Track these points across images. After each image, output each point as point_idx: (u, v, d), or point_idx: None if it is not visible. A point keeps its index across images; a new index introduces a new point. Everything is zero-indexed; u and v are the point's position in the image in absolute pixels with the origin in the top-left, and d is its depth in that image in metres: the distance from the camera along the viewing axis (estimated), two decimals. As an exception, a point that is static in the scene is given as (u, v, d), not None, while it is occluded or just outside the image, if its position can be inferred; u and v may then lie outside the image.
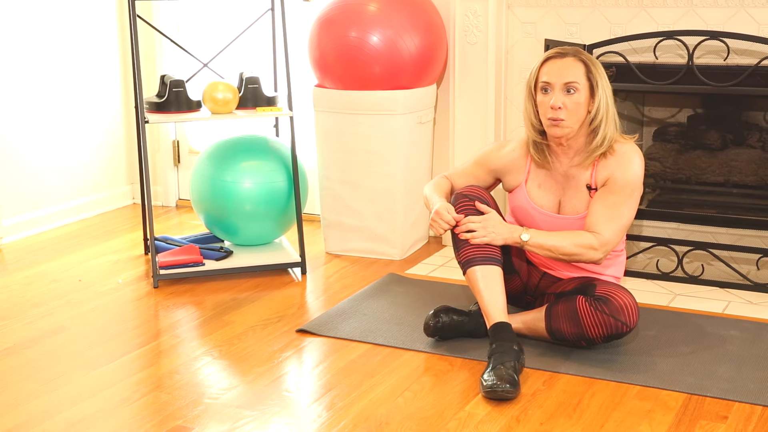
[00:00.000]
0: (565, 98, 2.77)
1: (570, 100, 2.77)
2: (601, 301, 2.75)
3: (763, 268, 3.52)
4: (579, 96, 2.77)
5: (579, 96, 2.77)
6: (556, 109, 2.76)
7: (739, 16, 3.46)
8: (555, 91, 2.77)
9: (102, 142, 4.68)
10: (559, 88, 2.77)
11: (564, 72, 2.78)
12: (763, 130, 3.69)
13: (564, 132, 2.80)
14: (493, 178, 3.03)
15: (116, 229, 4.38)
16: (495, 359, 2.66)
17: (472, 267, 2.81)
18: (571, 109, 2.77)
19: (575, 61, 2.79)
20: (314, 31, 3.82)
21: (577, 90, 2.77)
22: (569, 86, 2.77)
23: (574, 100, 2.77)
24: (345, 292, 3.50)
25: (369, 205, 3.85)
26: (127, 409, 2.58)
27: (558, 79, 2.77)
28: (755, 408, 2.55)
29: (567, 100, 2.77)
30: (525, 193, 2.94)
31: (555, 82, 2.78)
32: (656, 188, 3.79)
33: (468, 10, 3.82)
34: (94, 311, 3.34)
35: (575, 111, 2.77)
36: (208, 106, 3.59)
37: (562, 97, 2.76)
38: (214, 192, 3.71)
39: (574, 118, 2.78)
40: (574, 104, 2.77)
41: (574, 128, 2.79)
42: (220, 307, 3.36)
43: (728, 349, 2.92)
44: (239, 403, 2.60)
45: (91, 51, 4.57)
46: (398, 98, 3.74)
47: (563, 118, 2.77)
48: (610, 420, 2.49)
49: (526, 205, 2.94)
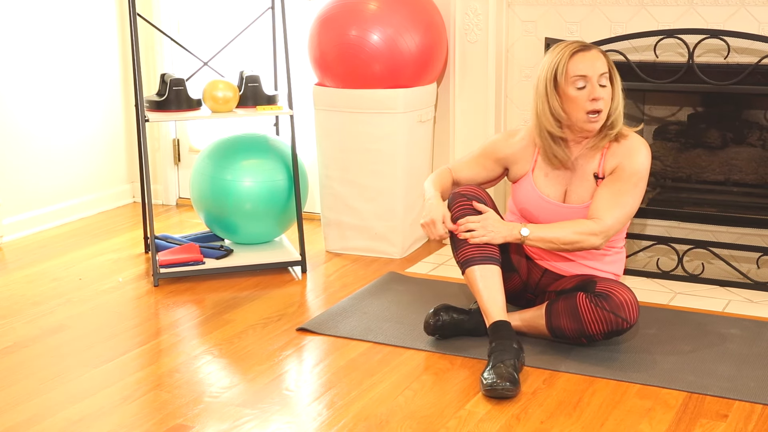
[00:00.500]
0: (601, 91, 2.78)
1: (605, 92, 2.79)
2: (602, 297, 2.75)
3: (763, 266, 3.51)
4: (609, 88, 2.81)
5: (609, 88, 2.81)
6: (597, 100, 2.76)
7: (740, 14, 3.45)
8: (593, 84, 2.77)
9: (102, 141, 4.68)
10: (596, 80, 2.78)
11: (597, 64, 2.79)
12: (764, 128, 3.69)
13: (600, 124, 2.81)
14: (501, 167, 3.03)
15: (116, 228, 4.38)
16: (495, 357, 2.66)
17: (471, 267, 2.81)
18: (607, 101, 2.80)
19: (599, 53, 2.83)
20: (314, 29, 3.81)
21: (609, 82, 2.80)
22: (603, 78, 2.79)
23: (607, 93, 2.80)
24: (345, 290, 3.50)
25: (369, 204, 3.85)
26: (127, 407, 2.58)
27: (594, 71, 2.78)
28: (755, 406, 2.55)
29: (603, 92, 2.79)
30: (531, 182, 2.94)
31: (592, 75, 2.78)
32: (657, 187, 3.79)
33: (468, 8, 3.82)
34: (94, 310, 3.34)
35: (608, 103, 2.80)
36: (208, 104, 3.58)
37: (598, 89, 2.78)
38: (215, 190, 3.71)
39: (607, 109, 2.80)
40: (608, 96, 2.80)
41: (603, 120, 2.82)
42: (221, 305, 3.36)
43: (728, 347, 2.92)
44: (239, 402, 2.60)
45: (91, 49, 4.57)
46: (398, 97, 3.74)
47: (602, 108, 2.78)
48: (610, 418, 2.49)
49: (531, 194, 2.94)
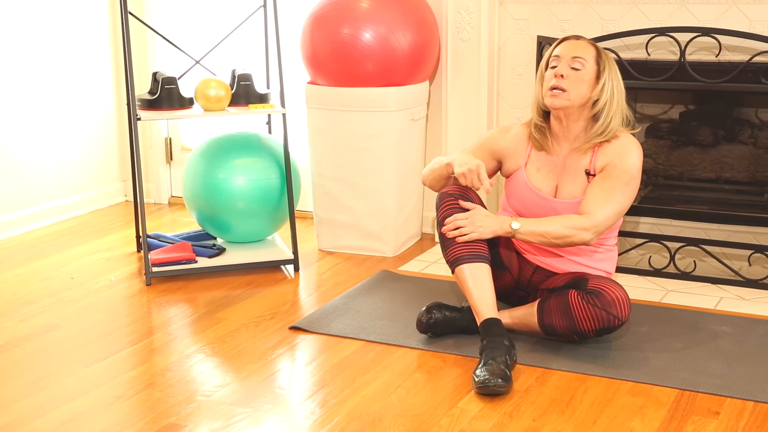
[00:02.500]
0: (569, 71, 2.83)
1: (574, 75, 2.83)
2: (594, 294, 2.76)
3: (754, 264, 3.53)
4: (583, 74, 2.83)
5: (583, 74, 2.83)
6: (558, 76, 2.83)
7: (731, 12, 3.46)
8: (561, 63, 2.85)
9: (94, 140, 4.67)
10: (566, 62, 2.85)
11: (575, 48, 2.86)
12: (755, 126, 3.70)
13: (562, 103, 2.83)
14: (495, 161, 3.04)
15: (108, 227, 4.37)
16: (486, 355, 2.67)
17: (460, 265, 2.82)
18: (572, 82, 2.82)
19: (587, 44, 2.89)
20: (306, 27, 3.81)
21: (583, 67, 2.84)
22: (576, 61, 2.84)
23: (578, 76, 2.83)
24: (338, 289, 3.50)
25: (362, 202, 3.85)
26: (119, 406, 2.58)
27: (568, 53, 2.86)
28: (747, 403, 2.56)
29: (571, 73, 2.83)
30: (524, 176, 2.96)
31: (564, 56, 2.86)
32: (649, 184, 3.80)
33: (460, 6, 3.82)
34: (86, 309, 3.33)
35: (577, 85, 2.82)
36: (200, 103, 3.58)
37: (566, 69, 2.84)
38: (207, 189, 3.70)
39: (575, 92, 2.82)
40: (578, 79, 2.83)
41: (574, 104, 2.83)
42: (213, 304, 3.35)
43: (720, 345, 2.93)
44: (232, 401, 2.60)
45: (83, 48, 4.56)
46: (391, 95, 3.74)
47: (564, 87, 2.82)
48: (602, 416, 2.50)
49: (523, 188, 2.95)
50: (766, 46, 3.31)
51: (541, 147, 2.95)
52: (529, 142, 2.98)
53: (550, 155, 2.95)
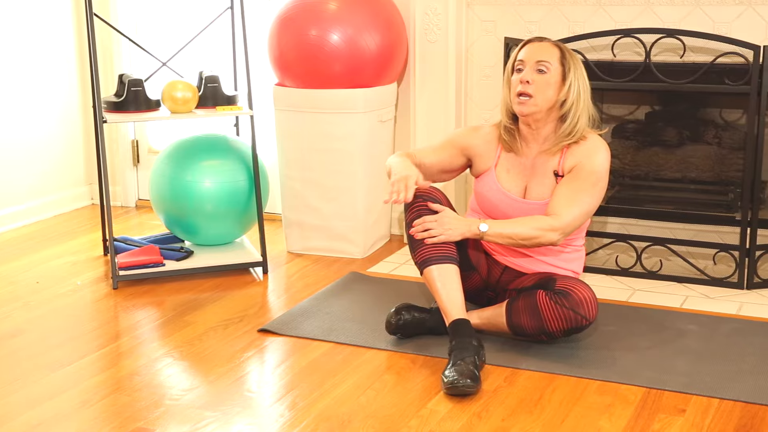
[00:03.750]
0: (535, 76, 2.85)
1: (540, 79, 2.84)
2: (561, 294, 2.77)
3: (719, 262, 3.56)
4: (549, 77, 2.85)
5: (549, 77, 2.85)
6: (524, 83, 2.84)
7: (695, 14, 3.50)
8: (526, 69, 2.86)
9: (59, 142, 4.63)
10: (530, 66, 2.86)
11: (538, 52, 2.87)
12: (719, 126, 3.74)
13: (530, 110, 2.85)
14: (464, 157, 3.05)
15: (75, 230, 4.33)
16: (455, 355, 2.67)
17: (429, 266, 2.83)
18: (539, 87, 2.84)
19: (551, 46, 2.89)
20: (274, 29, 3.80)
21: (548, 70, 2.85)
22: (540, 65, 2.85)
23: (543, 80, 2.84)
24: (307, 291, 3.49)
25: (330, 204, 3.84)
26: (86, 411, 2.55)
27: (531, 57, 2.87)
28: (712, 401, 2.58)
29: (537, 77, 2.84)
30: (494, 176, 2.97)
31: (528, 60, 2.87)
32: (615, 185, 3.83)
33: (428, 8, 3.83)
34: (52, 313, 3.30)
35: (543, 90, 2.84)
36: (167, 105, 3.56)
37: (532, 74, 2.85)
38: (174, 192, 3.68)
39: (542, 97, 2.84)
40: (544, 83, 2.84)
41: (542, 108, 2.85)
42: (181, 307, 3.33)
43: (686, 343, 2.96)
44: (201, 404, 2.59)
45: (47, 50, 4.52)
46: (359, 97, 3.74)
47: (531, 93, 2.83)
48: (570, 415, 2.51)
49: (493, 189, 2.96)
50: (730, 48, 3.35)
51: (510, 148, 2.97)
52: (498, 143, 3.00)
53: (520, 157, 2.96)
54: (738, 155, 3.62)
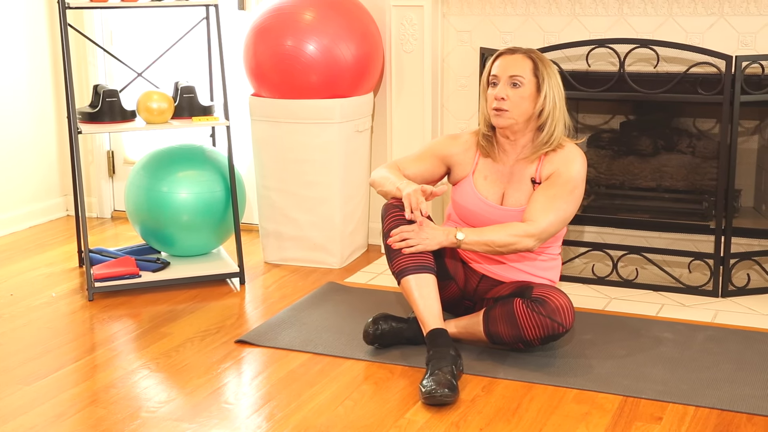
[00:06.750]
0: (509, 91, 2.87)
1: (514, 93, 2.86)
2: (538, 302, 2.78)
3: (694, 270, 3.59)
4: (523, 90, 2.87)
5: (523, 90, 2.87)
6: (498, 99, 2.87)
7: (668, 24, 3.53)
8: (500, 84, 2.88)
9: (34, 153, 4.60)
10: (505, 81, 2.88)
11: (511, 66, 2.89)
12: (693, 135, 3.78)
13: (507, 123, 2.88)
14: (444, 166, 3.07)
15: (49, 242, 4.30)
16: (433, 365, 2.68)
17: (406, 276, 2.83)
18: (514, 102, 2.86)
19: (524, 58, 2.90)
20: (249, 39, 3.80)
21: (522, 84, 2.87)
22: (514, 80, 2.87)
23: (518, 94, 2.87)
24: (284, 301, 3.49)
25: (307, 214, 3.84)
26: (62, 424, 2.53)
27: (504, 72, 2.89)
28: (688, 408, 2.60)
29: (511, 92, 2.87)
30: (471, 184, 2.98)
31: (501, 75, 2.89)
32: (591, 194, 3.85)
33: (404, 18, 3.84)
34: (26, 326, 3.27)
35: (519, 104, 2.86)
36: (142, 116, 3.54)
37: (506, 89, 2.88)
38: (150, 203, 3.66)
39: (518, 110, 2.87)
40: (518, 97, 2.86)
41: (519, 121, 2.88)
42: (157, 319, 3.32)
43: (662, 351, 2.97)
44: (178, 416, 2.57)
45: (22, 61, 4.49)
46: (335, 107, 3.75)
47: (506, 108, 2.86)
48: (548, 424, 2.52)
49: (471, 196, 2.97)
50: (702, 58, 3.39)
51: (488, 155, 2.99)
52: (476, 150, 3.02)
53: (497, 163, 2.98)
54: (712, 164, 3.66)
